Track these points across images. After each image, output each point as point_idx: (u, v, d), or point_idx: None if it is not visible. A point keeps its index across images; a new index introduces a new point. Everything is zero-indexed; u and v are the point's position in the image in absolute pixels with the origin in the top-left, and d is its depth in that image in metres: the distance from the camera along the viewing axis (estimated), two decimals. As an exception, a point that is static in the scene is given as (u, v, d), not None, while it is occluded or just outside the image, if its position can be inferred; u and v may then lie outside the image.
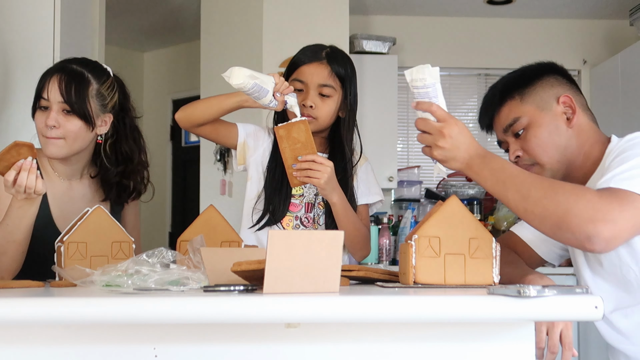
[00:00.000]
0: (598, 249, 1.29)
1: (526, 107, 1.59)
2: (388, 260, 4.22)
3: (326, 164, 1.79)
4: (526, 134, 1.59)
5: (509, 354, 1.18)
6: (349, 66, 1.97)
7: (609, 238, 1.27)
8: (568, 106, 1.58)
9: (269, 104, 1.78)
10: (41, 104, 1.78)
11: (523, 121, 1.59)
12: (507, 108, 1.62)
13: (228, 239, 1.62)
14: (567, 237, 1.31)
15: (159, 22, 5.51)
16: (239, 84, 1.71)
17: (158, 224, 5.94)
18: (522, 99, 1.60)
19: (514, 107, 1.61)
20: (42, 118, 1.78)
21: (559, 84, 1.61)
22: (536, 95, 1.60)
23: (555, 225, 1.30)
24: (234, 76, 1.70)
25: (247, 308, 1.04)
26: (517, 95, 1.61)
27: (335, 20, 4.15)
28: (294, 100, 1.81)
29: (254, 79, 1.71)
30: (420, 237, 1.29)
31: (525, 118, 1.58)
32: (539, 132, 1.57)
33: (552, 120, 1.57)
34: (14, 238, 1.67)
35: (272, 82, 1.76)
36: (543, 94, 1.59)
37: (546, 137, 1.57)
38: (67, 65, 1.81)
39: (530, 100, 1.59)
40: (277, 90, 1.77)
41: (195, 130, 1.94)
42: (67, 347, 1.16)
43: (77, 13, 3.04)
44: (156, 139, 6.19)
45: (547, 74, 1.63)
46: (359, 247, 1.97)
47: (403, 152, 4.91)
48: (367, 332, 1.18)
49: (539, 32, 4.93)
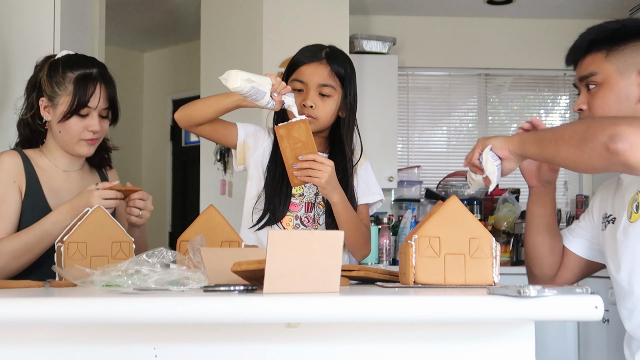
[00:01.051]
0: (622, 147, 1.28)
1: (607, 65, 1.55)
2: (388, 260, 4.22)
3: (327, 163, 1.79)
4: (597, 91, 1.56)
5: (509, 354, 1.18)
6: (348, 66, 1.97)
7: (633, 139, 1.28)
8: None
9: (267, 105, 1.79)
10: (83, 112, 1.86)
11: (598, 77, 1.56)
12: (590, 58, 1.59)
13: (228, 239, 1.62)
14: (592, 146, 1.32)
15: (159, 22, 5.51)
16: (236, 87, 1.72)
17: (158, 224, 5.94)
18: (608, 54, 1.56)
19: (596, 60, 1.57)
20: (81, 123, 1.86)
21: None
22: (622, 57, 1.55)
23: (582, 139, 1.34)
24: (230, 79, 1.71)
25: (247, 308, 1.04)
26: (605, 49, 1.56)
27: (335, 20, 4.15)
28: (292, 100, 1.82)
29: (251, 82, 1.72)
30: (420, 237, 1.29)
31: (601, 75, 1.55)
32: (608, 95, 1.54)
33: (625, 88, 1.54)
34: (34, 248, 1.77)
35: (269, 83, 1.76)
36: (630, 58, 1.54)
37: (612, 103, 1.54)
38: (104, 73, 1.90)
39: (614, 60, 1.55)
40: (275, 91, 1.77)
41: (194, 129, 1.95)
42: (67, 347, 1.16)
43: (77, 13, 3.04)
44: (156, 139, 6.20)
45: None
46: (359, 247, 1.97)
47: (403, 152, 4.91)
48: (367, 332, 1.18)
49: (539, 32, 4.93)
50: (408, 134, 4.95)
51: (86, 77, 1.85)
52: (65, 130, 1.86)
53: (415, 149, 4.96)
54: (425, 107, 5.03)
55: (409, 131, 4.95)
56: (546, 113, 5.09)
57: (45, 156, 1.92)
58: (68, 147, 1.90)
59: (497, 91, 5.06)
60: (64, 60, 1.89)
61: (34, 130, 1.93)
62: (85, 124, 1.86)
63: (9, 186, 1.83)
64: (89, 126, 1.86)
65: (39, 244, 1.76)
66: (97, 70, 1.88)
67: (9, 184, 1.83)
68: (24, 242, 1.76)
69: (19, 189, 1.85)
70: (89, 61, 1.91)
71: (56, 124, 1.87)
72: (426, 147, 5.02)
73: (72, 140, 1.87)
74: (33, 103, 1.90)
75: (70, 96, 1.84)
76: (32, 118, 1.91)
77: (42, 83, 1.88)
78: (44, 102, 1.88)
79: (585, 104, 1.59)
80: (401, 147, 4.89)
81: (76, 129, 1.86)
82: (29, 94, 1.92)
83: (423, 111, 5.03)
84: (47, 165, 1.91)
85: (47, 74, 1.87)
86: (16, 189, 1.84)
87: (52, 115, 1.87)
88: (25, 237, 1.77)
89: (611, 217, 1.63)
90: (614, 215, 1.63)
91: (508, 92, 5.07)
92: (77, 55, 1.94)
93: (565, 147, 1.38)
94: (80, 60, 1.91)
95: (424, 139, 5.02)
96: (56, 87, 1.85)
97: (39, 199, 1.86)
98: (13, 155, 1.87)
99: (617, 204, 1.62)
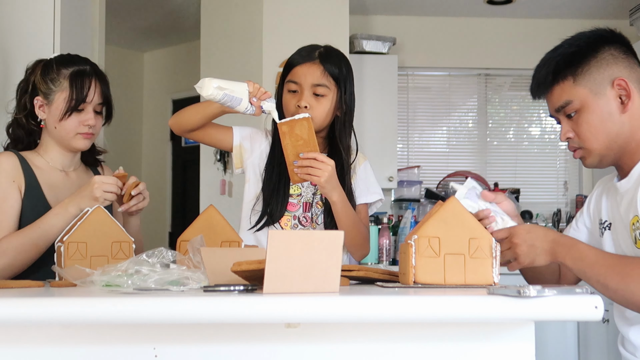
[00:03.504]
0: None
1: (579, 89, 1.53)
2: (388, 260, 4.22)
3: (327, 162, 1.79)
4: (578, 117, 1.54)
5: (509, 354, 1.18)
6: (343, 65, 1.96)
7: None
8: (623, 89, 1.52)
9: (246, 111, 1.82)
10: (80, 107, 1.88)
11: (575, 104, 1.53)
12: (559, 88, 1.56)
13: (228, 239, 1.62)
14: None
15: (159, 22, 5.51)
16: (209, 95, 1.75)
17: (158, 224, 5.94)
18: (575, 80, 1.54)
19: (566, 89, 1.55)
20: (76, 118, 1.89)
21: (614, 62, 1.53)
22: (590, 76, 1.52)
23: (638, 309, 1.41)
24: (204, 88, 1.75)
25: (247, 308, 1.04)
26: (570, 76, 1.54)
27: (335, 20, 4.15)
28: (272, 106, 1.84)
29: (223, 90, 1.75)
30: (420, 237, 1.29)
31: (577, 101, 1.53)
32: (591, 119, 1.52)
33: (605, 105, 1.52)
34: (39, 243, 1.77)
35: (246, 89, 1.79)
36: (597, 75, 1.52)
37: (598, 124, 1.52)
38: (96, 69, 1.94)
39: (583, 83, 1.53)
40: (253, 97, 1.79)
41: (187, 135, 2.00)
42: (67, 347, 1.16)
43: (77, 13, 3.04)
44: (156, 139, 6.19)
45: (602, 47, 1.54)
46: (358, 247, 1.97)
47: (403, 152, 4.91)
48: (367, 332, 1.18)
49: (539, 32, 4.93)
50: (408, 134, 4.95)
51: (81, 73, 1.89)
52: (62, 126, 1.88)
53: (415, 149, 4.96)
54: (425, 107, 5.03)
55: (409, 131, 4.95)
56: (546, 113, 5.09)
57: (41, 156, 1.94)
58: (64, 142, 1.91)
59: (497, 91, 5.06)
60: (57, 59, 1.94)
61: (28, 130, 1.94)
62: (80, 119, 1.88)
63: (9, 186, 1.83)
64: (85, 120, 1.88)
65: (43, 238, 1.77)
66: (91, 67, 1.92)
67: (9, 183, 1.83)
68: (28, 237, 1.77)
69: (19, 189, 1.85)
70: (81, 59, 1.95)
71: (53, 121, 1.88)
72: (426, 147, 5.01)
73: (68, 135, 1.89)
74: (26, 103, 1.91)
75: (66, 92, 1.86)
76: (26, 118, 1.92)
77: (36, 82, 1.90)
78: (39, 100, 1.90)
79: (571, 132, 1.56)
80: (401, 147, 4.89)
81: (72, 123, 1.88)
82: (21, 96, 1.94)
83: (423, 111, 5.02)
84: (44, 165, 1.93)
85: (41, 72, 1.90)
86: (16, 189, 1.84)
87: (48, 113, 1.90)
88: (29, 232, 1.77)
89: (607, 223, 1.63)
90: (609, 220, 1.62)
91: (508, 92, 5.07)
92: (69, 54, 1.97)
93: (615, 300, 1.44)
94: (74, 58, 1.95)
95: (424, 139, 5.02)
96: (51, 83, 1.88)
97: (38, 198, 1.86)
98: (10, 156, 1.88)
99: (611, 208, 1.62)
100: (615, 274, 1.39)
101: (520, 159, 4.97)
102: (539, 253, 1.44)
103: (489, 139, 5.04)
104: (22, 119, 1.92)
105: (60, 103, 1.87)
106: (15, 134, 1.96)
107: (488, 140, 5.04)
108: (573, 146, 1.58)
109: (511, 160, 4.99)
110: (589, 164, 1.59)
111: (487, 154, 5.00)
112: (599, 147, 1.53)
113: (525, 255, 1.43)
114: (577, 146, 1.57)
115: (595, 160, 1.56)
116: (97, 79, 1.91)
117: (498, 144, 5.06)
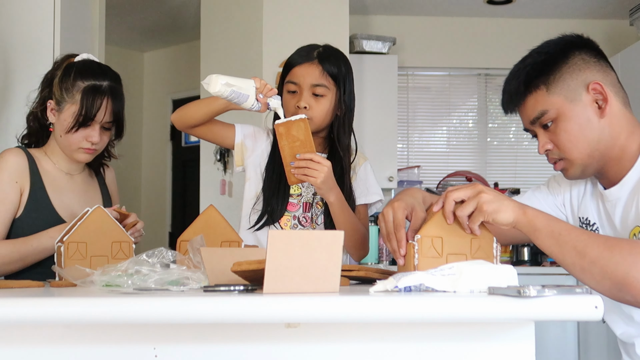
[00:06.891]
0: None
1: (553, 98, 1.46)
2: (388, 261, 4.23)
3: (324, 163, 1.79)
4: (555, 127, 1.47)
5: (509, 354, 1.18)
6: (342, 64, 1.96)
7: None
8: (599, 93, 1.45)
9: (252, 108, 1.82)
10: (87, 123, 1.86)
11: (551, 114, 1.46)
12: (532, 99, 1.49)
13: (228, 239, 1.62)
14: (627, 300, 1.25)
15: (159, 22, 5.51)
16: (216, 91, 1.75)
17: (158, 224, 5.94)
18: (548, 89, 1.47)
19: (540, 99, 1.47)
20: (81, 132, 1.86)
21: (586, 66, 1.47)
22: (563, 83, 1.46)
23: (615, 287, 1.23)
24: (211, 84, 1.74)
25: (247, 308, 1.04)
26: (542, 85, 1.47)
27: (335, 20, 4.15)
28: (278, 103, 1.84)
29: (231, 86, 1.75)
30: (422, 237, 1.29)
31: (553, 110, 1.46)
32: (569, 127, 1.45)
33: (582, 111, 1.45)
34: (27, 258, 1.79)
35: (253, 86, 1.79)
36: (571, 81, 1.46)
37: (577, 132, 1.45)
38: (114, 87, 1.88)
39: (557, 91, 1.46)
40: (260, 93, 1.79)
41: (189, 131, 2.00)
42: (67, 347, 1.15)
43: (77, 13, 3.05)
44: (156, 139, 6.20)
45: (572, 52, 1.48)
46: (356, 247, 1.96)
47: (403, 152, 4.91)
48: (367, 332, 1.18)
49: (539, 32, 4.89)
50: (408, 134, 4.95)
51: (95, 90, 1.85)
52: (67, 137, 1.88)
53: (415, 149, 4.97)
54: (425, 107, 5.03)
55: (409, 131, 4.96)
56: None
57: (48, 157, 1.94)
58: (66, 152, 1.92)
59: (497, 91, 5.06)
60: (78, 66, 1.89)
61: (42, 125, 1.95)
62: (85, 134, 1.86)
63: (10, 186, 1.83)
64: (89, 137, 1.87)
65: (33, 256, 1.79)
66: (108, 84, 1.87)
67: (10, 184, 1.83)
68: (17, 250, 1.78)
69: (20, 190, 1.85)
70: (102, 71, 1.90)
71: (59, 130, 1.88)
72: (426, 147, 5.02)
73: (71, 147, 1.89)
74: (44, 100, 1.91)
75: (77, 106, 1.84)
76: (42, 113, 1.92)
77: (53, 84, 1.89)
78: (51, 104, 1.89)
79: (550, 144, 1.49)
80: (401, 147, 4.89)
81: (77, 137, 1.87)
82: (42, 89, 1.94)
83: (423, 111, 5.03)
84: (51, 167, 1.93)
85: (60, 77, 1.88)
86: (16, 190, 1.84)
87: (57, 120, 1.89)
88: (20, 247, 1.78)
89: (595, 226, 1.56)
90: (597, 224, 1.56)
91: (508, 92, 5.07)
92: (93, 63, 1.92)
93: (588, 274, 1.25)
94: (95, 69, 1.89)
95: (423, 139, 5.03)
96: (64, 93, 1.86)
97: (43, 199, 1.86)
98: (18, 154, 1.88)
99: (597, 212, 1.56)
100: (600, 242, 1.25)
101: (520, 159, 4.97)
102: (506, 205, 1.28)
103: (489, 139, 5.05)
104: (39, 113, 1.93)
105: (69, 116, 1.84)
106: (31, 126, 1.96)
107: (488, 140, 5.04)
108: (553, 158, 1.50)
109: (511, 160, 4.99)
110: (571, 175, 1.51)
111: (487, 154, 5.00)
112: (581, 155, 1.46)
113: (489, 203, 1.26)
114: (557, 157, 1.49)
115: (578, 170, 1.48)
116: (110, 97, 1.86)
117: (498, 144, 5.07)
